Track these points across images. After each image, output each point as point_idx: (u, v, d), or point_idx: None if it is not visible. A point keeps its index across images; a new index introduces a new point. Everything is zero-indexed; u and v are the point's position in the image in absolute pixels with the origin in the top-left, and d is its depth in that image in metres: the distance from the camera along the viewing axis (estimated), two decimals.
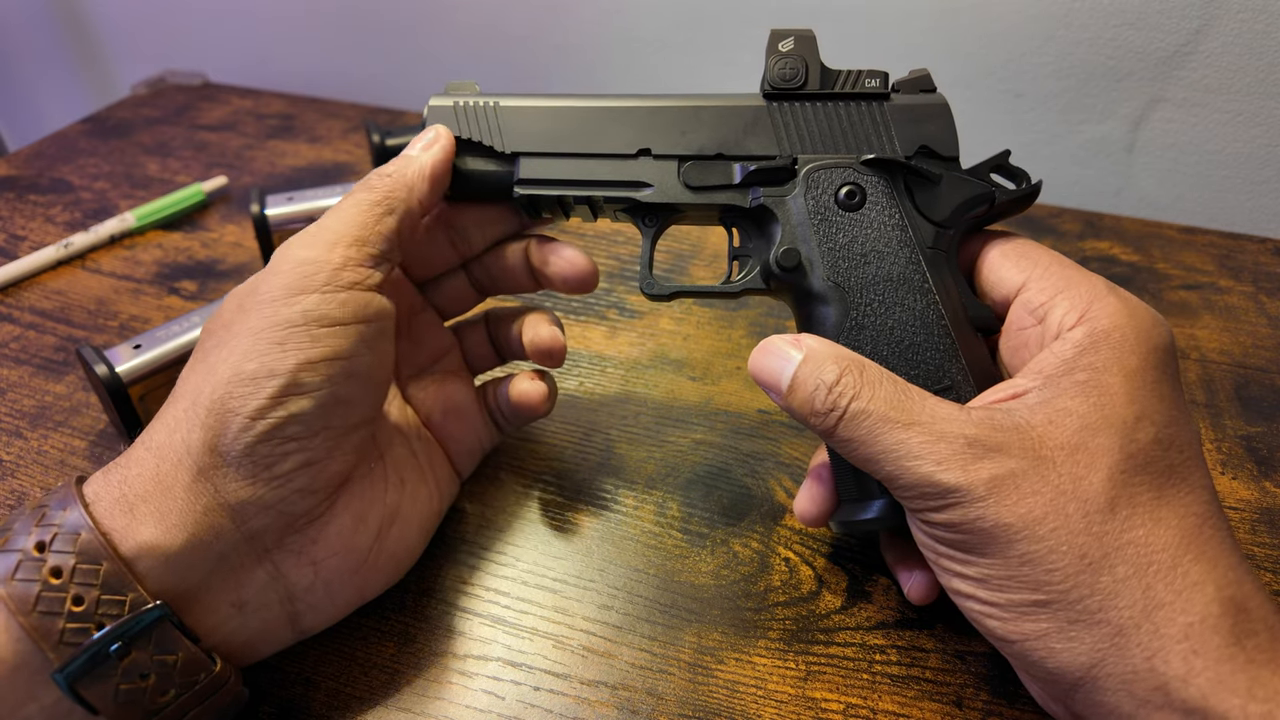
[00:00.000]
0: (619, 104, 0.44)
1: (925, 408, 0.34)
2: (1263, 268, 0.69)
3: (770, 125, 0.43)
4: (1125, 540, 0.31)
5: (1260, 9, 0.70)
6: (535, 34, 0.94)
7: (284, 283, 0.36)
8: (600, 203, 0.44)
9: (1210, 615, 0.30)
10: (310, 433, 0.36)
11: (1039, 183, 0.41)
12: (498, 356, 0.50)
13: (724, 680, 0.40)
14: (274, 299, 0.36)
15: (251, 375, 0.34)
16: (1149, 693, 0.30)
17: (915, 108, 0.43)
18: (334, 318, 0.36)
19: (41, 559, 0.32)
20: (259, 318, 0.36)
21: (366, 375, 0.38)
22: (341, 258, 0.37)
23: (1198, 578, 0.31)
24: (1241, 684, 0.29)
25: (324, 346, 0.36)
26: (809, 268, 0.41)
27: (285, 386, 0.35)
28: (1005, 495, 0.32)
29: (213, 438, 0.34)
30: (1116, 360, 0.34)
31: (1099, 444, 0.32)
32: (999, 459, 0.32)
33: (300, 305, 0.36)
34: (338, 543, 0.38)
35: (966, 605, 0.35)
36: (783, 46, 0.43)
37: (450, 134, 0.43)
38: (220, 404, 0.34)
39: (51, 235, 0.74)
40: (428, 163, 0.42)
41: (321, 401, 0.35)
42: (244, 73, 1.07)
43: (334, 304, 0.36)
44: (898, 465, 0.33)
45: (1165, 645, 0.30)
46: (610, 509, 0.49)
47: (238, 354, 0.35)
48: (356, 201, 0.39)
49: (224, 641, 0.36)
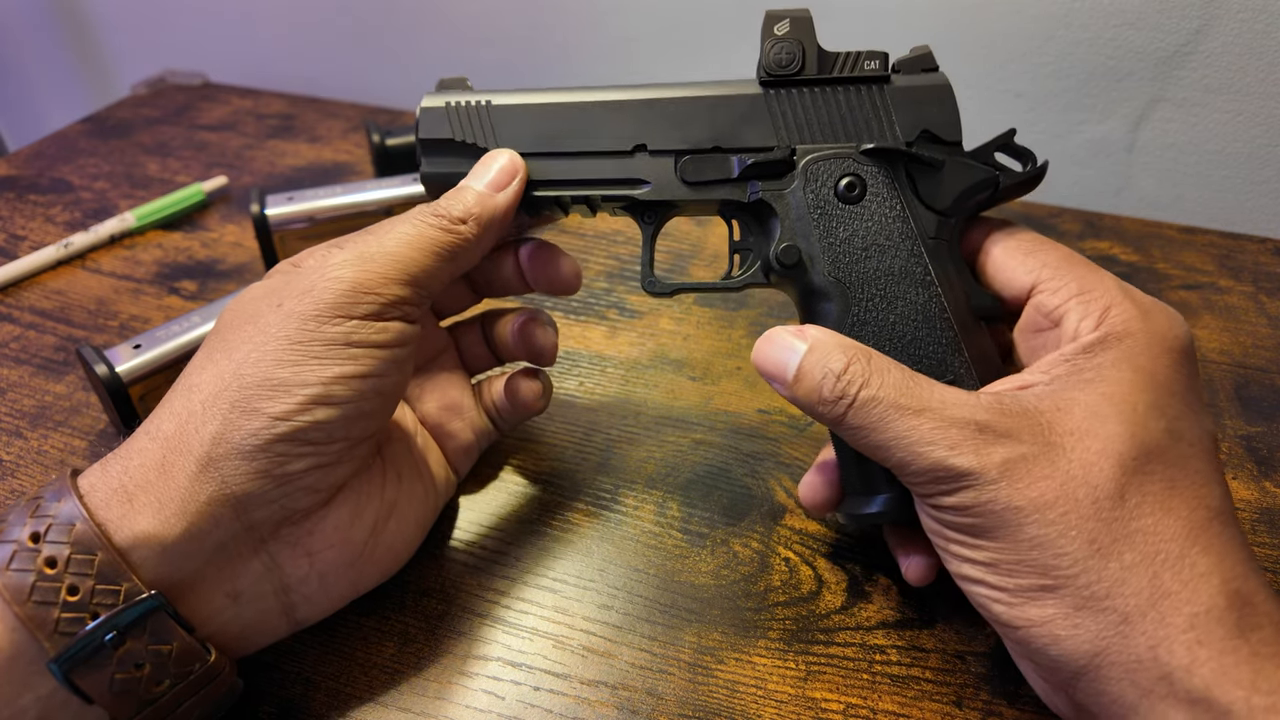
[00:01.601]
0: (612, 96, 0.43)
1: (934, 394, 0.34)
2: (1263, 268, 0.69)
3: (767, 115, 0.42)
4: (1134, 528, 0.31)
5: (1260, 9, 0.70)
6: (535, 34, 0.94)
7: (331, 301, 0.36)
8: (598, 201, 0.43)
9: (1216, 607, 0.30)
10: (329, 440, 0.36)
11: (1045, 163, 0.40)
12: (494, 357, 0.50)
13: (724, 680, 0.40)
14: (318, 315, 0.36)
15: (283, 382, 0.35)
16: (1152, 682, 0.30)
17: (916, 89, 0.41)
18: (374, 342, 0.37)
19: (36, 549, 0.32)
20: (299, 330, 0.36)
21: (391, 392, 0.38)
22: (395, 296, 0.37)
23: (1205, 569, 0.31)
24: (1245, 676, 0.29)
25: (359, 365, 0.36)
26: (809, 264, 0.41)
27: (315, 396, 0.35)
28: (1017, 478, 0.32)
29: (229, 431, 0.34)
30: (1127, 358, 0.34)
31: (1110, 431, 0.32)
32: (1010, 443, 0.33)
33: (344, 327, 0.36)
34: (334, 535, 0.38)
35: (973, 590, 0.35)
36: (778, 29, 0.41)
37: (524, 168, 0.42)
38: (246, 402, 0.34)
39: (51, 235, 0.74)
40: (505, 206, 0.41)
41: (346, 413, 0.36)
42: (244, 73, 1.06)
43: (376, 329, 0.37)
44: (910, 451, 0.34)
45: (1170, 635, 0.30)
46: (610, 509, 0.49)
47: (270, 359, 0.35)
48: (426, 239, 0.39)
49: (218, 632, 0.36)
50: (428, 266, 0.38)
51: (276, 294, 0.37)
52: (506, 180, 0.42)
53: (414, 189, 0.68)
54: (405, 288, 0.38)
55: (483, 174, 0.42)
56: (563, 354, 0.60)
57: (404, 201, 0.68)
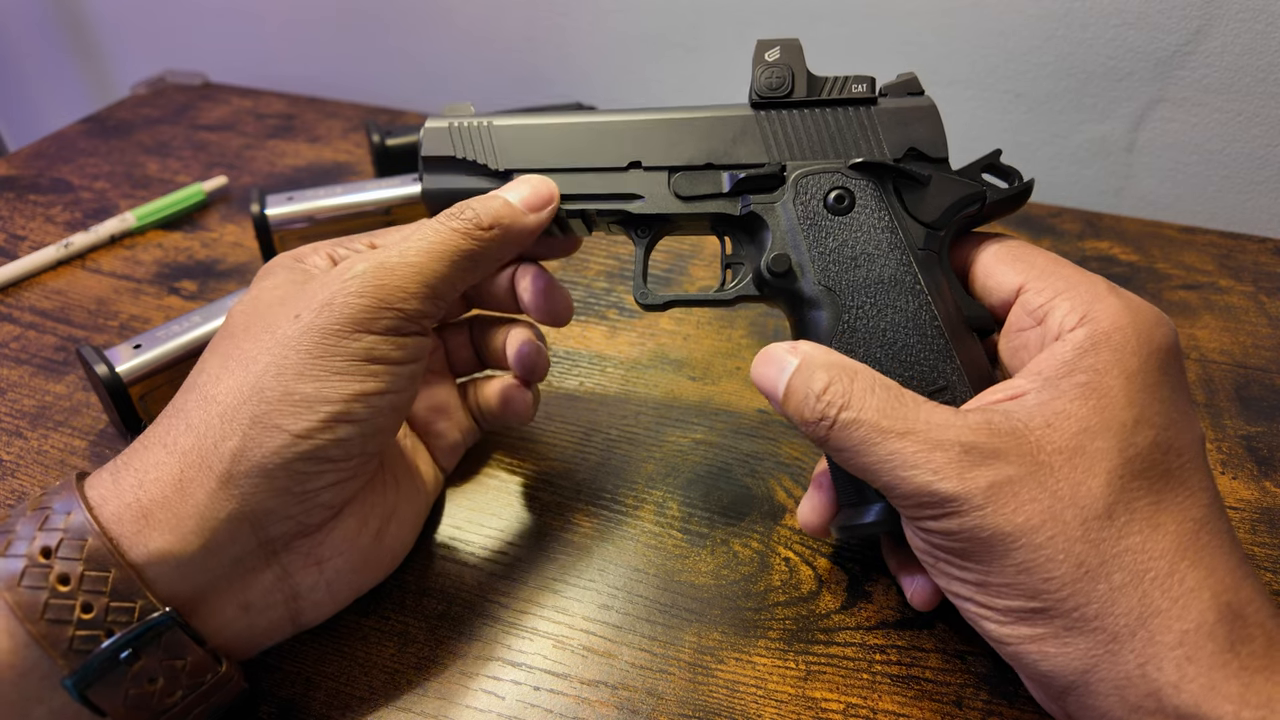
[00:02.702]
0: (609, 119, 0.44)
1: (920, 415, 0.34)
2: (1263, 268, 0.69)
3: (759, 134, 0.43)
4: (1122, 547, 0.31)
5: (1260, 9, 0.70)
6: (534, 34, 0.94)
7: (351, 316, 0.35)
8: (594, 215, 0.44)
9: (1206, 622, 0.30)
10: (347, 456, 0.36)
11: (1030, 181, 0.41)
12: (479, 361, 0.50)
13: (724, 680, 0.40)
14: (339, 330, 0.35)
15: (305, 399, 0.34)
16: (1141, 699, 0.30)
17: (902, 111, 0.43)
18: (393, 359, 0.36)
19: (48, 565, 0.32)
20: (318, 344, 0.35)
21: (405, 407, 0.38)
22: (416, 309, 0.37)
23: (1194, 584, 0.31)
24: (1234, 690, 0.29)
25: (380, 382, 0.36)
26: (800, 272, 0.41)
27: (337, 414, 0.35)
28: (1003, 503, 0.32)
29: (251, 447, 0.34)
30: (1117, 362, 0.34)
31: (1097, 448, 0.32)
32: (996, 465, 0.32)
33: (364, 342, 0.36)
34: (343, 544, 0.38)
35: (963, 606, 0.35)
36: (768, 56, 0.43)
37: (557, 194, 0.42)
38: (267, 418, 0.34)
39: (51, 235, 0.74)
40: (534, 225, 0.41)
41: (364, 430, 0.36)
42: (244, 73, 1.07)
43: (395, 345, 0.36)
44: (893, 475, 0.33)
45: (1159, 652, 0.30)
46: (610, 509, 0.49)
47: (291, 374, 0.35)
48: (449, 247, 0.38)
49: (229, 641, 0.36)
50: (448, 276, 0.38)
51: (292, 303, 0.37)
52: (541, 204, 0.41)
53: (414, 189, 0.68)
54: (425, 301, 0.37)
55: (519, 190, 0.41)
56: (563, 354, 0.60)
57: (404, 201, 0.68)
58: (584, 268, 0.69)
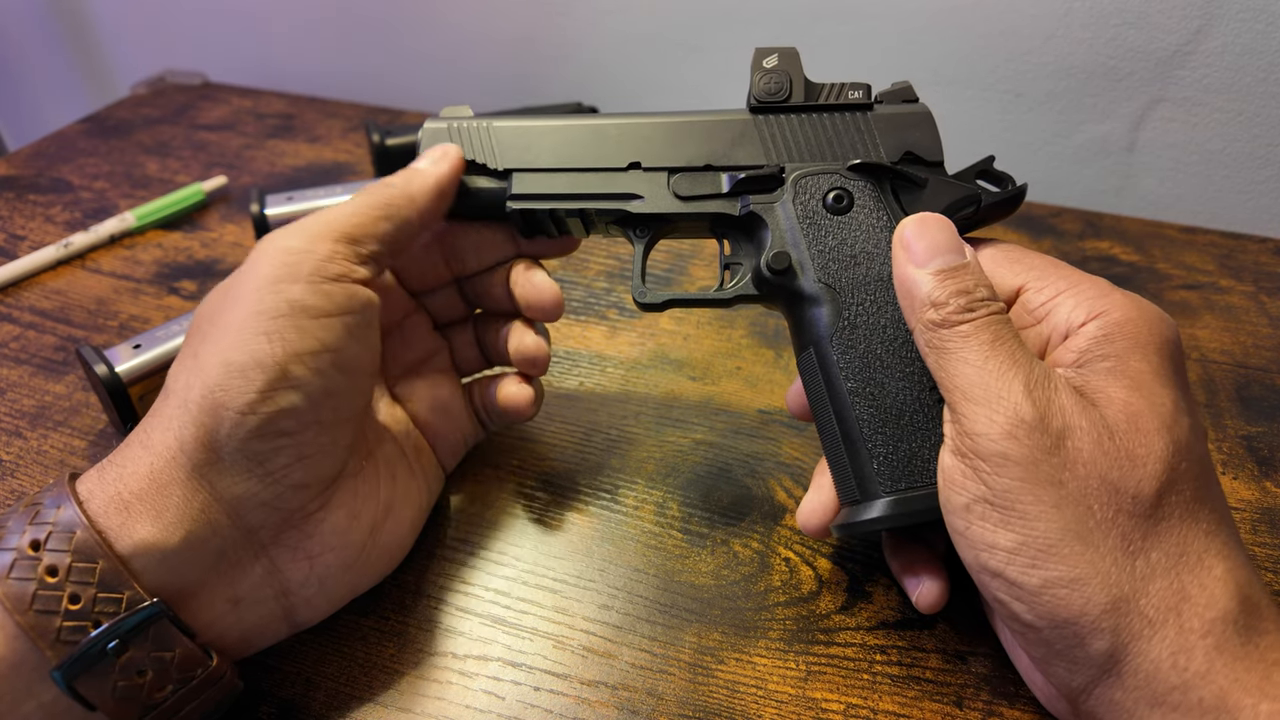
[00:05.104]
0: (609, 122, 0.45)
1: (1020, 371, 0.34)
2: (1263, 268, 0.69)
3: (757, 137, 0.44)
4: (1163, 528, 0.31)
5: (1260, 9, 0.70)
6: (534, 34, 0.94)
7: (269, 272, 0.36)
8: (592, 215, 0.44)
9: (1230, 611, 0.30)
10: (302, 426, 0.36)
11: (1024, 185, 0.42)
12: (484, 359, 0.50)
13: (724, 680, 0.40)
14: (258, 288, 0.36)
15: (240, 367, 0.34)
16: (1167, 691, 0.30)
17: (899, 116, 0.43)
18: (320, 308, 0.36)
19: (37, 557, 0.32)
20: (243, 308, 0.35)
21: (354, 367, 0.38)
22: (329, 250, 0.37)
23: (1220, 574, 0.31)
24: (1254, 682, 0.29)
25: (311, 339, 0.36)
26: (800, 270, 0.41)
27: (274, 380, 0.34)
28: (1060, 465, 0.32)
29: (206, 434, 0.34)
30: (1136, 348, 0.34)
31: (1151, 425, 0.32)
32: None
33: (285, 294, 0.36)
34: (333, 538, 0.38)
35: (992, 559, 0.33)
36: (767, 63, 0.44)
37: (460, 152, 0.43)
38: (210, 398, 0.34)
39: (51, 235, 0.73)
40: (433, 176, 0.42)
41: (311, 395, 0.35)
42: (244, 73, 1.06)
43: (319, 294, 0.36)
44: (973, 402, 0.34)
45: (1190, 641, 0.30)
46: (610, 509, 0.49)
47: (224, 345, 0.35)
48: (355, 203, 0.40)
49: (220, 636, 0.36)
50: (360, 223, 0.39)
51: (226, 286, 0.38)
52: (441, 159, 0.43)
53: None
54: (337, 242, 0.38)
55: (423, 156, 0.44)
56: (563, 354, 0.60)
57: None
58: (584, 268, 0.69)
